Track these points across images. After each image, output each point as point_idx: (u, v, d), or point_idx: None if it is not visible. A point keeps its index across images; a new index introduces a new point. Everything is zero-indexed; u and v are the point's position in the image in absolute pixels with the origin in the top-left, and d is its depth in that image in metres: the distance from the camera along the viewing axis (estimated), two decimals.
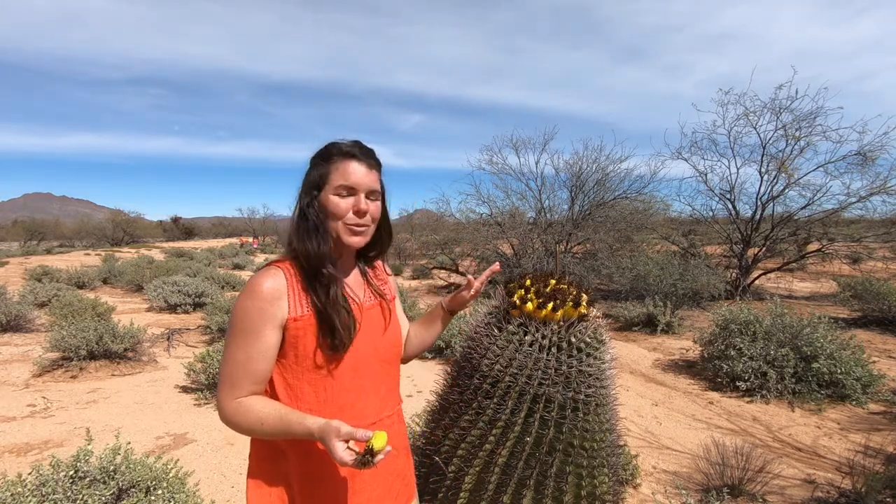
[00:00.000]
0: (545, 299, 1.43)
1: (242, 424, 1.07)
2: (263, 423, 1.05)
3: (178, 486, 2.26)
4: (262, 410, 1.06)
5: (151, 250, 28.44)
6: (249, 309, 1.08)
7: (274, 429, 1.05)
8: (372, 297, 1.27)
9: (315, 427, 0.99)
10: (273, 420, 1.04)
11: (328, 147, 1.18)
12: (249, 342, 1.08)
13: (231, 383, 1.08)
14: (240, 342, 1.08)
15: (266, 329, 1.08)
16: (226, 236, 63.25)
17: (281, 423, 1.04)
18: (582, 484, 1.45)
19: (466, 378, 1.53)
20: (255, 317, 1.08)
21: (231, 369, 1.08)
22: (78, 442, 3.44)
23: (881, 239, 11.42)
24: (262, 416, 1.05)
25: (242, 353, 1.08)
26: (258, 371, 1.09)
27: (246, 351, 1.08)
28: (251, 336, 1.08)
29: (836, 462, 3.45)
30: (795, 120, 10.23)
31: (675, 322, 7.50)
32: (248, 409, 1.07)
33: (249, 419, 1.06)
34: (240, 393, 1.08)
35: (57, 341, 5.03)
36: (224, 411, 1.09)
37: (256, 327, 1.08)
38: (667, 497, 2.94)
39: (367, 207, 1.15)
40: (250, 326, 1.08)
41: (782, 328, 5.05)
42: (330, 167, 1.15)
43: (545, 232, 11.63)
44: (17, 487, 2.01)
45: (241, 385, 1.08)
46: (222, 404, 1.09)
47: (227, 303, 7.53)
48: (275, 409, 1.06)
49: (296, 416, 1.04)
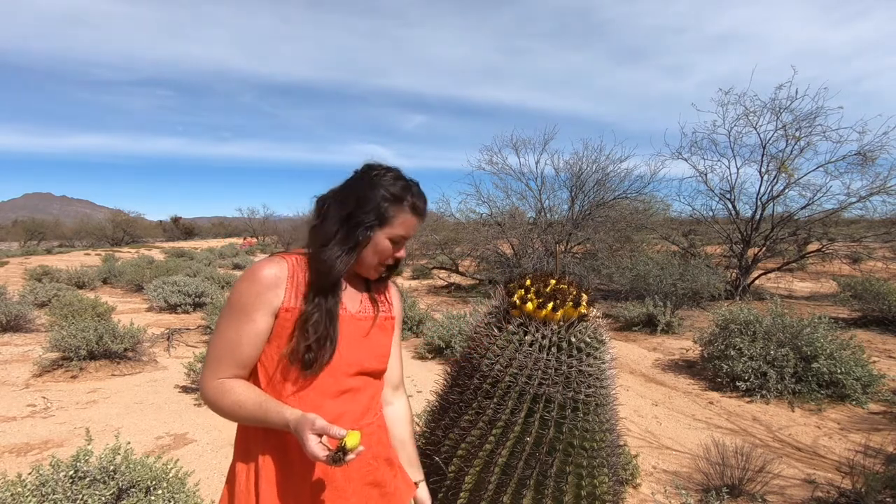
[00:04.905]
0: (545, 299, 1.43)
1: (221, 405, 1.07)
2: (242, 406, 1.05)
3: (178, 486, 2.26)
4: (242, 394, 1.06)
5: (151, 250, 28.44)
6: (246, 291, 1.09)
7: (252, 414, 1.05)
8: (367, 310, 1.24)
9: (291, 418, 0.99)
10: (251, 405, 1.05)
11: (406, 191, 1.16)
12: (241, 323, 1.08)
13: (217, 362, 1.09)
14: (231, 322, 1.09)
15: (259, 313, 1.08)
16: (226, 236, 63.25)
17: (259, 410, 1.04)
18: (582, 484, 1.45)
19: (466, 378, 1.53)
20: (251, 300, 1.08)
21: (218, 348, 1.09)
22: (78, 442, 3.43)
23: (881, 239, 11.43)
24: (241, 400, 1.06)
25: (233, 332, 1.08)
26: (244, 354, 1.09)
27: (237, 331, 1.08)
28: (244, 318, 1.08)
29: (836, 462, 3.45)
30: (795, 120, 10.23)
31: (675, 322, 7.50)
32: (229, 391, 1.07)
33: (228, 400, 1.06)
34: (223, 373, 1.09)
35: (57, 341, 5.03)
36: (205, 389, 1.09)
37: (250, 310, 1.08)
38: (667, 497, 2.94)
39: (403, 254, 1.20)
40: (244, 308, 1.08)
41: (782, 328, 5.05)
42: (398, 213, 1.15)
43: (545, 232, 11.63)
44: (17, 487, 2.01)
45: (225, 365, 1.09)
46: (204, 382, 1.10)
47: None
48: (255, 395, 1.06)
49: (274, 404, 1.04)
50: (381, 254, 1.17)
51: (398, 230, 1.16)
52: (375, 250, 1.16)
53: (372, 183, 1.15)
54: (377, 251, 1.16)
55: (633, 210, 11.83)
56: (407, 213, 1.16)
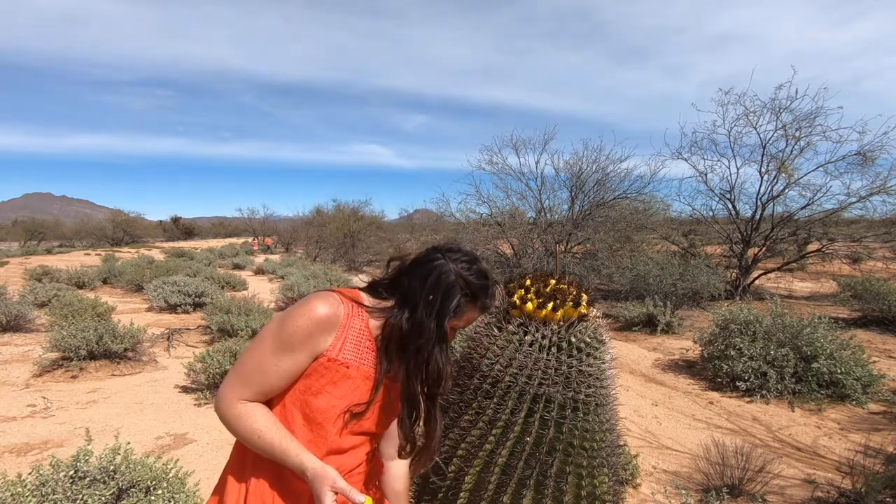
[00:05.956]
0: (545, 299, 1.43)
1: (237, 427, 1.06)
2: (260, 437, 1.04)
3: (178, 486, 2.26)
4: (264, 425, 1.05)
5: (151, 250, 28.44)
6: (299, 329, 1.06)
7: (266, 446, 1.04)
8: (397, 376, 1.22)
9: (309, 466, 0.99)
10: (270, 438, 1.04)
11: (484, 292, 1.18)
12: (283, 356, 1.07)
13: (244, 382, 1.07)
14: (273, 350, 1.07)
15: (304, 354, 1.08)
16: (226, 236, 63.19)
17: (278, 447, 1.03)
18: (582, 484, 1.45)
19: (466, 378, 1.53)
20: (300, 337, 1.06)
21: (249, 369, 1.07)
22: (78, 442, 3.43)
23: (881, 239, 11.43)
24: (261, 430, 1.04)
25: (271, 362, 1.07)
26: (273, 385, 1.08)
27: (275, 363, 1.07)
28: (287, 351, 1.07)
29: (836, 462, 3.45)
30: (795, 120, 10.24)
31: (675, 322, 7.50)
32: (250, 416, 1.06)
33: (247, 426, 1.05)
34: (245, 394, 1.07)
35: (57, 341, 5.03)
36: (223, 404, 1.07)
37: (296, 347, 1.07)
38: (667, 497, 2.94)
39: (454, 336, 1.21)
40: (291, 343, 1.06)
41: (782, 328, 5.05)
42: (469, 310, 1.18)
43: (545, 232, 11.63)
44: (17, 487, 2.01)
45: (252, 388, 1.07)
46: (225, 395, 1.08)
47: (226, 303, 7.53)
48: (276, 431, 1.05)
49: (295, 446, 1.04)
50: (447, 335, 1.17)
51: (460, 324, 1.20)
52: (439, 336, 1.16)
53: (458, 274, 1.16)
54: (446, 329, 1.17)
55: (633, 210, 11.83)
56: (475, 312, 1.20)
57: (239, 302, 7.49)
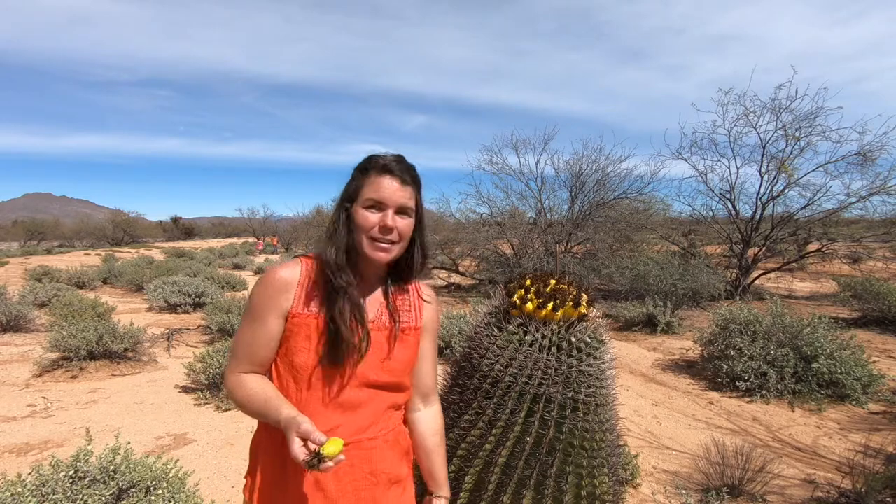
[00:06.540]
0: (545, 299, 1.44)
1: (235, 397, 1.13)
2: (249, 400, 1.09)
3: (178, 486, 2.26)
4: (253, 389, 1.10)
5: (151, 250, 28.44)
6: (259, 295, 1.14)
7: (257, 409, 1.08)
8: (383, 319, 1.20)
9: (283, 416, 1.01)
10: (258, 401, 1.08)
11: (367, 160, 1.17)
12: (254, 326, 1.14)
13: (235, 358, 1.16)
14: (247, 323, 1.15)
15: (270, 317, 1.13)
16: (226, 236, 63.18)
17: (263, 406, 1.07)
18: (582, 484, 1.45)
19: (466, 378, 1.53)
20: (263, 302, 1.13)
21: (235, 345, 1.17)
22: (78, 442, 3.43)
23: (881, 239, 11.43)
24: (250, 395, 1.10)
25: (248, 334, 1.14)
26: (257, 354, 1.14)
27: (251, 333, 1.14)
28: (256, 321, 1.13)
29: (836, 462, 3.45)
30: (795, 120, 10.24)
31: (675, 322, 7.50)
32: (242, 385, 1.12)
33: (240, 394, 1.11)
34: (239, 368, 1.15)
35: (57, 341, 5.03)
36: (225, 381, 1.17)
37: (261, 313, 1.13)
38: (667, 497, 2.94)
39: (395, 224, 1.12)
40: (256, 311, 1.14)
41: (782, 328, 5.05)
42: (364, 180, 1.15)
43: (545, 232, 11.63)
44: (17, 487, 2.01)
45: (240, 361, 1.15)
46: (225, 374, 1.18)
47: (226, 303, 7.53)
48: (263, 391, 1.09)
49: (276, 402, 1.06)
50: (364, 226, 1.12)
51: (368, 193, 1.13)
52: (357, 225, 1.13)
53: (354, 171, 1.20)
54: (359, 225, 1.13)
55: (633, 210, 11.83)
56: (372, 175, 1.14)
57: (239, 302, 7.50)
